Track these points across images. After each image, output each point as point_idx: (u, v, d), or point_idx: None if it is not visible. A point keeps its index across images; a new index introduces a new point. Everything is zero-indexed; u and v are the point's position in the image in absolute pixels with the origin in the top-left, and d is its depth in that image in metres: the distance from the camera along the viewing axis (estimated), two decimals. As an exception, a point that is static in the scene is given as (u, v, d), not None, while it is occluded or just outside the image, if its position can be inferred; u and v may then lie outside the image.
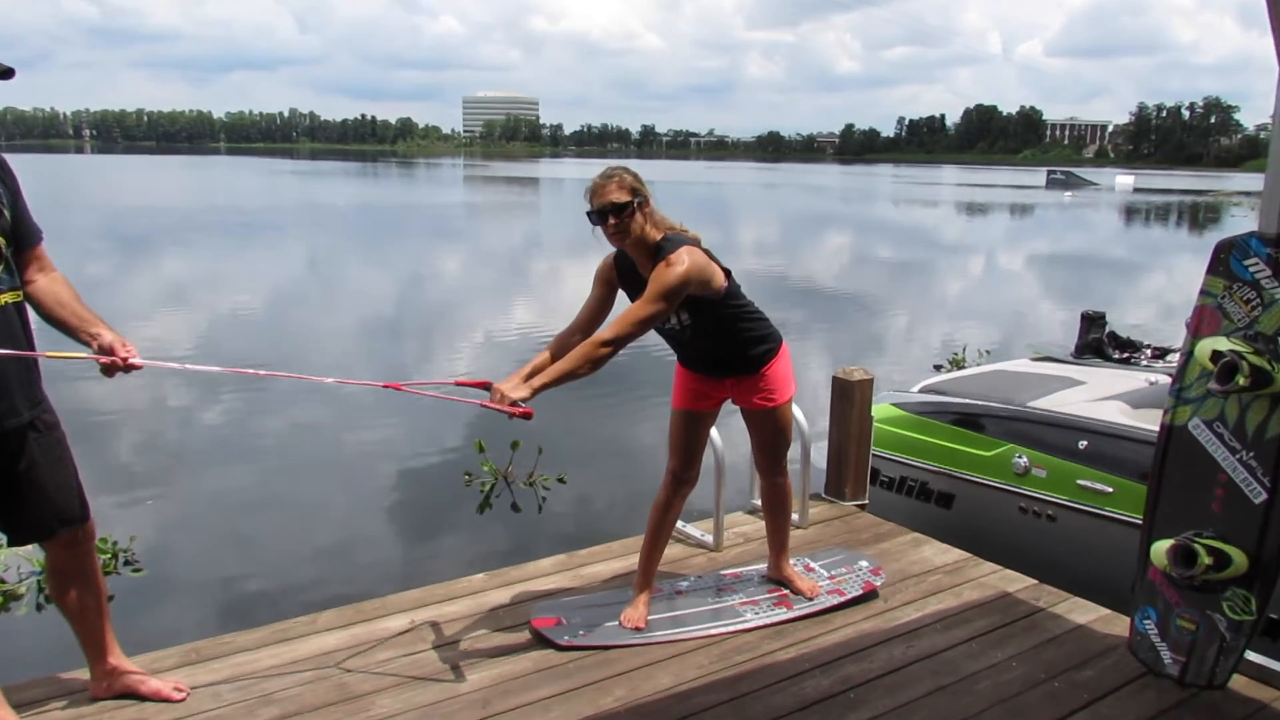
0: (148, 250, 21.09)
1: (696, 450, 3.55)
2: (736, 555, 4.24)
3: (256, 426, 8.23)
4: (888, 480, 5.40)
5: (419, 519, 6.29)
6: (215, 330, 12.22)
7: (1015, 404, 4.95)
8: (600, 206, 3.18)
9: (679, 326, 3.31)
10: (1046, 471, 4.63)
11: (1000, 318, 14.62)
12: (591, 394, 9.40)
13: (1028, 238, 30.51)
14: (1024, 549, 4.68)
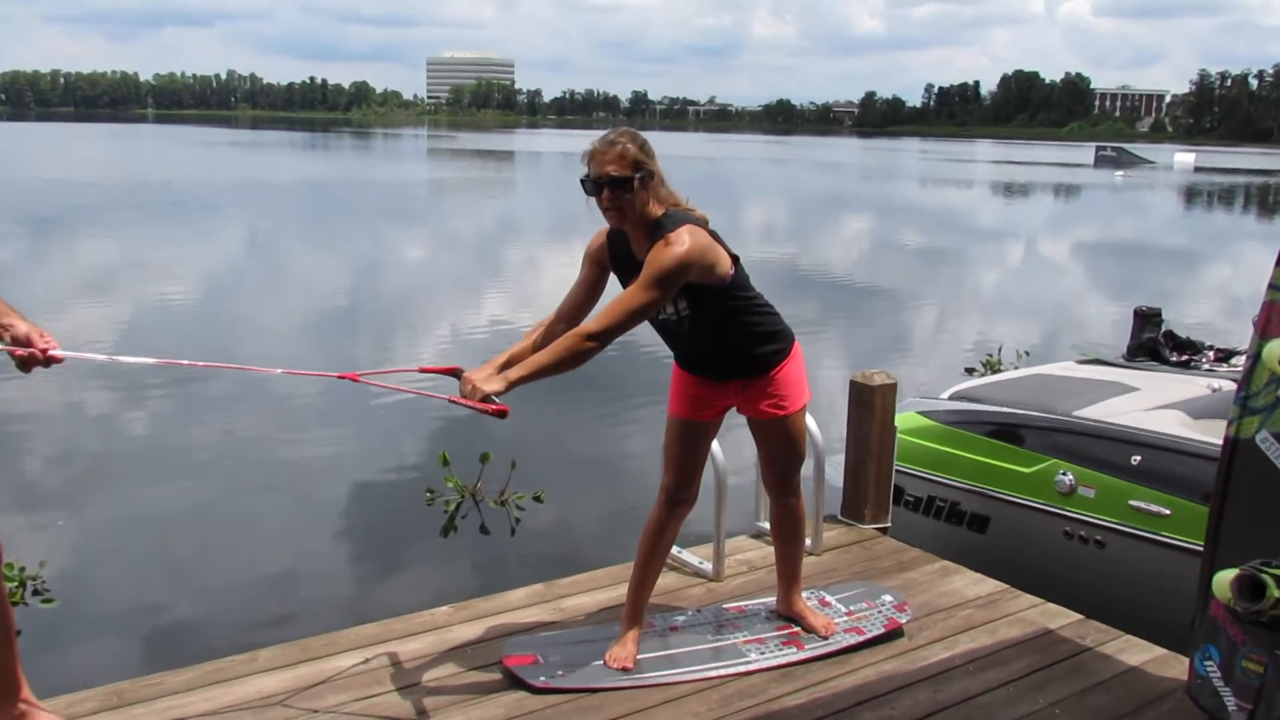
0: (62, 232, 21.00)
1: (695, 466, 3.55)
2: (740, 586, 4.24)
3: (188, 435, 8.20)
4: (913, 500, 5.41)
5: (374, 543, 6.28)
6: (141, 325, 12.18)
7: (1059, 413, 4.97)
8: (596, 177, 3.17)
9: (676, 317, 3.30)
10: (1095, 491, 4.65)
11: (1042, 314, 14.68)
12: (574, 398, 9.40)
13: (1073, 223, 30.65)
14: (1069, 579, 4.69)
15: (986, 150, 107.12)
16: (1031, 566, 4.85)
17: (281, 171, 41.48)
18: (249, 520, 6.56)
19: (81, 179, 34.96)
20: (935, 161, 75.32)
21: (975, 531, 5.17)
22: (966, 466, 5.16)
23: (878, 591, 4.08)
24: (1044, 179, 53.83)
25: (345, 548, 6.24)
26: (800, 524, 3.75)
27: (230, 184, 34.58)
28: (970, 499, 5.17)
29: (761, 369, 3.44)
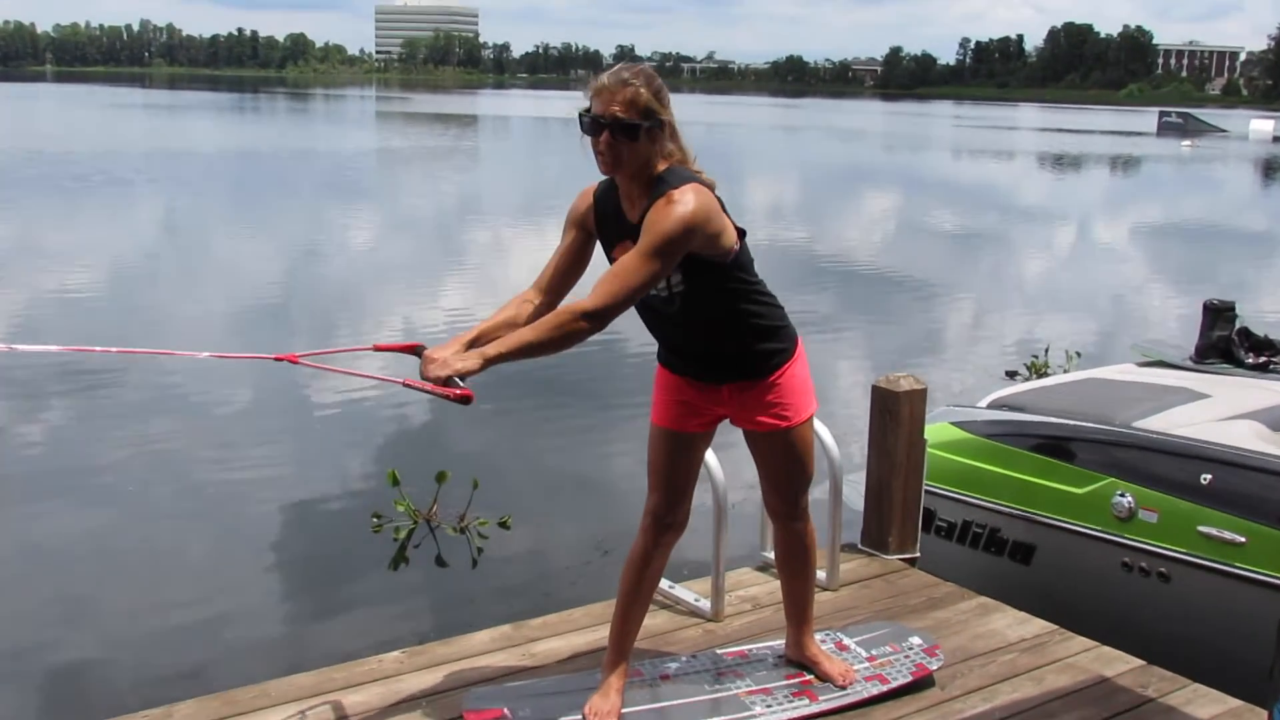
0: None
1: (684, 484, 3.54)
2: (743, 627, 4.24)
3: (91, 451, 8.16)
4: (946, 526, 5.41)
5: (310, 578, 6.26)
6: (38, 318, 12.12)
7: (1116, 424, 4.97)
8: (598, 116, 3.15)
9: (666, 293, 3.28)
10: (1158, 515, 4.65)
11: (1096, 309, 14.73)
12: (548, 405, 9.40)
13: (1133, 201, 30.80)
14: (1128, 618, 4.69)
15: (1031, 116, 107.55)
16: (1084, 603, 4.85)
17: (205, 139, 41.36)
18: (163, 551, 6.53)
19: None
20: (972, 129, 75.60)
21: (1018, 563, 5.17)
22: (1008, 486, 5.16)
23: (904, 633, 4.08)
24: (1098, 149, 54.07)
25: (276, 583, 6.22)
26: (810, 553, 3.75)
27: (144, 154, 34.47)
28: (1013, 524, 5.17)
29: (760, 371, 3.43)
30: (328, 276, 15.49)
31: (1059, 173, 41.61)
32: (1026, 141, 61.02)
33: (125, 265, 15.73)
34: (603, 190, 3.35)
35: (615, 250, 3.29)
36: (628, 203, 3.26)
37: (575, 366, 10.38)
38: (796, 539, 3.70)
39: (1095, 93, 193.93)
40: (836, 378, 10.49)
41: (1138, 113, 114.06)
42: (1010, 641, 4.18)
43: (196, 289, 14.10)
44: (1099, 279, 17.38)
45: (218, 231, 19.32)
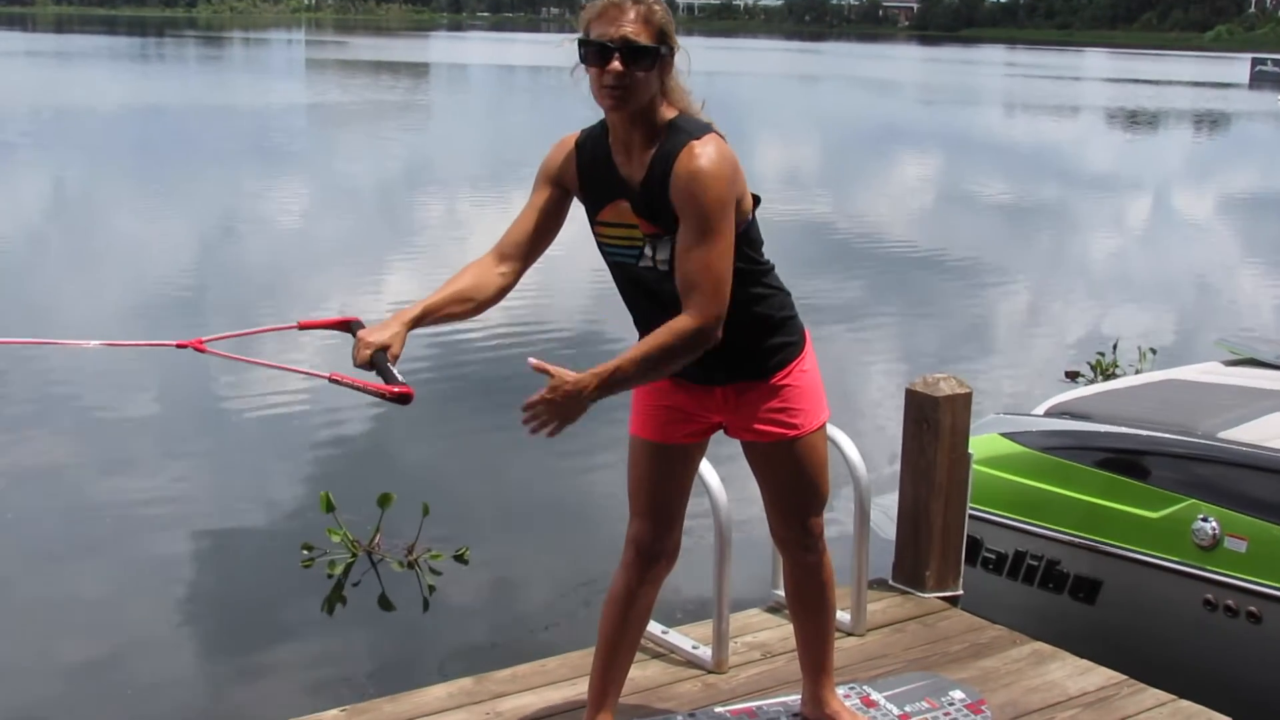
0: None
1: (673, 506, 3.57)
2: (750, 680, 4.26)
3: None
4: (994, 557, 5.44)
5: (231, 623, 6.25)
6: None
7: (1198, 434, 5.01)
8: (606, 40, 3.17)
9: (666, 266, 3.29)
10: (1248, 543, 4.69)
11: (1176, 296, 14.79)
12: (508, 414, 9.38)
13: (1220, 167, 30.89)
14: (1211, 667, 4.72)
15: (1099, 64, 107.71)
16: (1159, 649, 4.88)
17: (100, 93, 41.20)
18: (48, 594, 6.50)
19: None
20: (1026, 79, 75.61)
21: (1081, 601, 5.20)
22: (1070, 510, 5.19)
23: (943, 685, 4.11)
24: (1179, 104, 54.19)
25: (188, 631, 6.21)
26: (827, 589, 3.77)
27: (26, 111, 34.35)
28: (1074, 556, 5.20)
29: (763, 369, 3.45)
30: (248, 258, 15.46)
31: (1132, 133, 41.72)
32: (1093, 95, 61.08)
33: (1, 245, 15.68)
34: (588, 139, 3.38)
35: (605, 211, 3.32)
36: (623, 154, 3.29)
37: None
38: (809, 573, 3.72)
39: (1176, 35, 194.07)
40: (864, 380, 10.50)
41: (1227, 60, 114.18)
42: (1071, 695, 4.21)
43: (91, 272, 14.07)
44: (1179, 261, 17.45)
45: (117, 205, 19.26)
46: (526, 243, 3.40)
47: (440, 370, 10.40)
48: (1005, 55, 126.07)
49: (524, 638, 5.93)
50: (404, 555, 6.42)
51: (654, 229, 3.27)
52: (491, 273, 3.36)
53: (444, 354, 10.77)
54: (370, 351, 3.13)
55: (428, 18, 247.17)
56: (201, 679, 5.77)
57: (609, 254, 3.40)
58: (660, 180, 3.21)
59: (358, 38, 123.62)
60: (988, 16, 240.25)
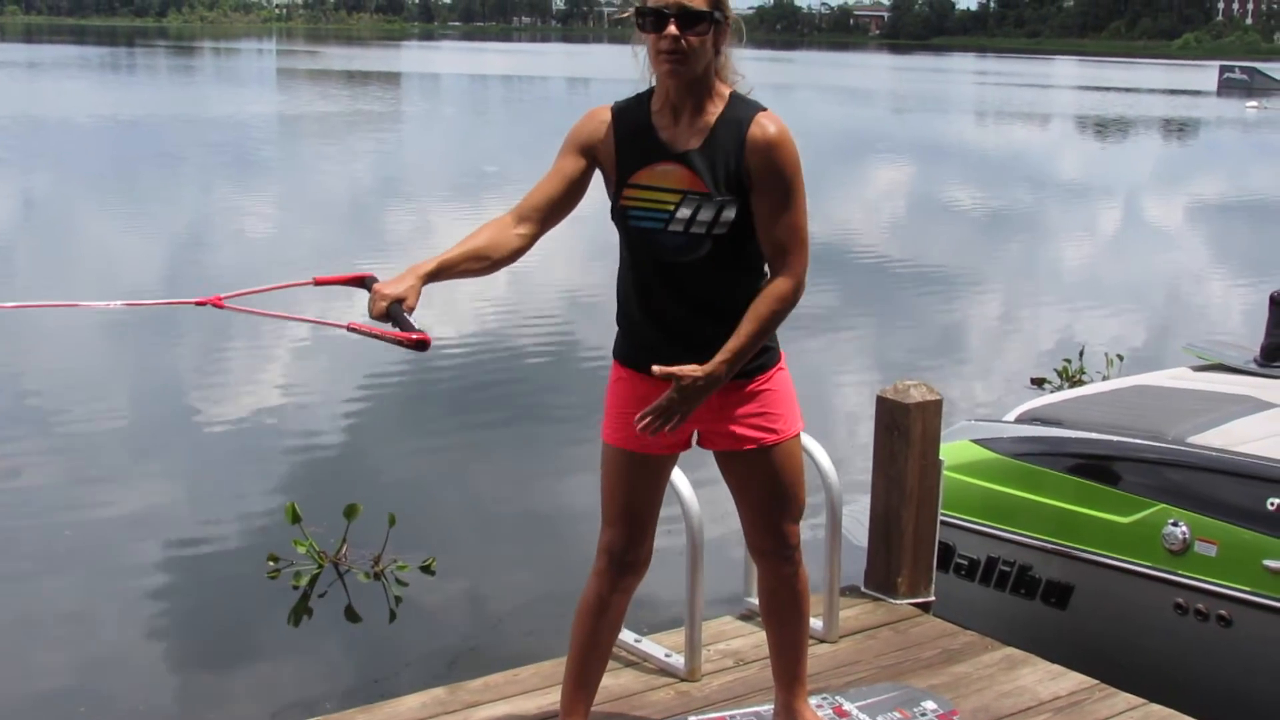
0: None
1: (647, 515, 3.56)
2: (723, 688, 4.26)
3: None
4: (966, 564, 5.45)
5: (198, 635, 6.23)
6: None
7: (1168, 439, 5.03)
8: (661, 4, 3.23)
9: (681, 225, 3.32)
10: (1217, 547, 4.71)
11: (1145, 302, 14.87)
12: (476, 423, 9.38)
13: (1188, 173, 31.07)
14: (1181, 670, 4.74)
15: (1069, 71, 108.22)
16: (1130, 654, 4.90)
17: (68, 104, 41.01)
18: (11, 608, 6.45)
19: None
20: (997, 87, 75.99)
21: (1053, 606, 5.21)
22: (1041, 516, 5.21)
23: (916, 695, 4.11)
24: (1148, 112, 54.51)
25: (155, 644, 6.18)
26: (802, 600, 3.76)
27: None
28: (1046, 561, 5.21)
29: (746, 371, 3.45)
30: (218, 269, 15.38)
31: (1101, 140, 41.94)
32: (1062, 102, 61.41)
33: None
34: (624, 108, 3.42)
35: (640, 173, 3.34)
36: (669, 120, 3.35)
37: (512, 376, 10.41)
38: (785, 583, 3.71)
39: (1144, 44, 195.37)
40: (835, 387, 10.52)
41: (1195, 68, 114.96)
42: (1042, 700, 4.22)
43: (61, 286, 13.97)
44: (1149, 267, 17.54)
45: (86, 218, 19.15)
46: (547, 207, 3.41)
47: (409, 381, 10.37)
48: (975, 63, 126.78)
49: (496, 647, 5.91)
50: (370, 566, 6.42)
51: (706, 189, 3.29)
52: (509, 233, 3.37)
53: (413, 365, 10.75)
54: (386, 304, 3.17)
55: (399, 27, 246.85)
56: (168, 693, 5.73)
57: (631, 219, 3.38)
58: (731, 146, 3.29)
59: (329, 47, 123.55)
60: (958, 25, 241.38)
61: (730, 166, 3.29)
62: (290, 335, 11.87)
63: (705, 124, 3.32)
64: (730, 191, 3.30)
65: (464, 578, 6.72)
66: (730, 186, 3.30)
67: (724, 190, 3.29)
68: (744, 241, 3.36)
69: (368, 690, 5.04)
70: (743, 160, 3.29)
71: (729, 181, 3.30)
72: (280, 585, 6.31)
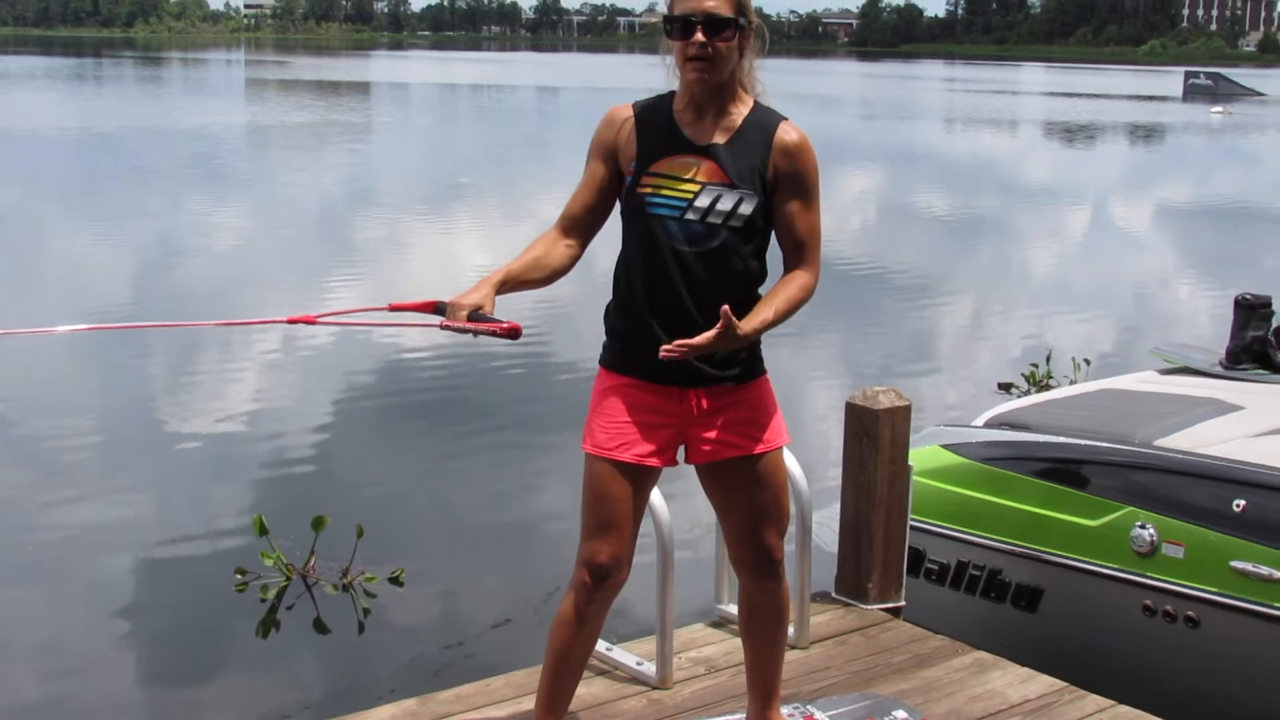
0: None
1: (631, 530, 3.55)
2: (694, 696, 4.27)
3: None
4: (936, 568, 5.47)
5: (167, 648, 6.19)
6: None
7: (1135, 443, 5.07)
8: (688, 12, 3.34)
9: (697, 214, 3.40)
10: (1185, 549, 4.74)
11: (1112, 306, 14.94)
12: (450, 432, 9.37)
13: (1155, 178, 31.29)
14: (1150, 671, 4.77)
15: (1036, 78, 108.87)
16: (1099, 656, 4.92)
17: (33, 115, 40.81)
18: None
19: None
20: (965, 93, 76.39)
21: (1023, 610, 5.24)
22: (1010, 520, 5.23)
23: (887, 706, 4.13)
24: (1114, 117, 54.86)
25: (124, 658, 6.14)
26: (783, 613, 3.76)
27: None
28: (1015, 565, 5.23)
29: (740, 374, 3.49)
30: (187, 284, 15.32)
31: (1069, 145, 42.17)
32: (1030, 108, 61.76)
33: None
34: (645, 106, 3.51)
35: (660, 163, 3.42)
36: (693, 117, 3.44)
37: (482, 384, 10.39)
38: (768, 597, 3.71)
39: (1111, 50, 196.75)
40: (806, 394, 10.56)
41: (1160, 73, 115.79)
42: (1012, 703, 4.24)
43: (24, 305, 13.89)
44: (1116, 272, 17.62)
45: (53, 231, 19.05)
46: (586, 216, 3.54)
47: (376, 394, 10.35)
48: (943, 70, 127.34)
49: (468, 657, 5.91)
50: (338, 578, 6.41)
51: (728, 179, 3.40)
52: (559, 245, 3.50)
53: (381, 378, 10.74)
54: (465, 312, 3.32)
55: (368, 37, 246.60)
56: (136, 705, 5.71)
57: (648, 204, 3.44)
58: (758, 145, 3.43)
59: (298, 57, 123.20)
60: (925, 32, 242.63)
61: (756, 163, 3.42)
62: (260, 349, 11.82)
63: (730, 124, 3.44)
64: (750, 186, 3.41)
65: (434, 588, 6.72)
66: (751, 182, 3.41)
67: (745, 184, 3.40)
68: (753, 239, 3.46)
69: (338, 702, 5.03)
70: (769, 160, 3.43)
71: (751, 177, 3.41)
72: (248, 598, 6.30)
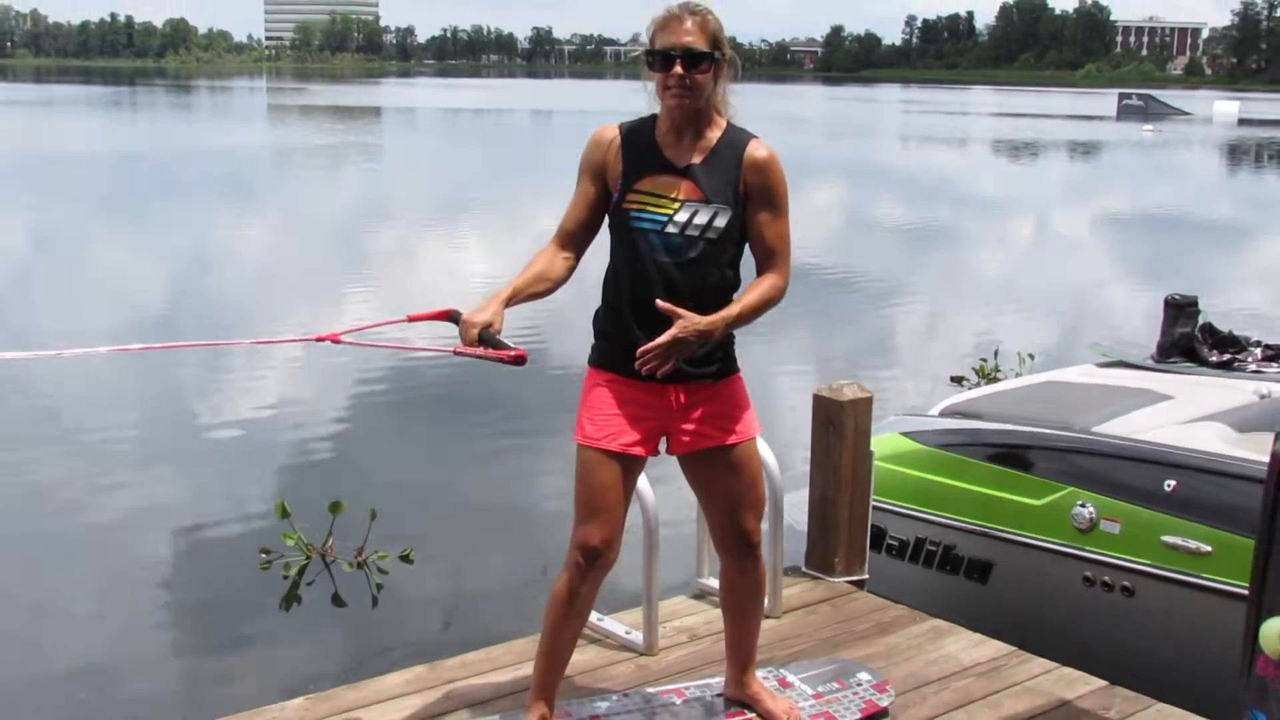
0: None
1: (620, 515, 3.55)
2: (678, 661, 4.28)
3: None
4: (896, 544, 5.49)
5: (199, 620, 6.19)
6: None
7: (1075, 429, 5.09)
8: (668, 47, 3.35)
9: (677, 227, 3.41)
10: (1120, 525, 4.76)
11: (1055, 306, 14.98)
12: (455, 423, 9.37)
13: (1091, 190, 31.34)
14: (1090, 636, 4.79)
15: (984, 99, 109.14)
16: (1044, 622, 4.94)
17: (74, 139, 40.68)
18: (28, 594, 6.41)
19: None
20: (920, 114, 76.55)
21: (975, 581, 5.26)
22: (963, 500, 5.25)
23: (852, 669, 4.13)
24: (1055, 135, 54.97)
25: (160, 628, 6.13)
26: (760, 590, 3.79)
27: (5, 159, 33.81)
28: (968, 540, 5.25)
29: (715, 371, 3.50)
30: (219, 295, 15.27)
31: (1014, 161, 42.25)
32: (979, 127, 61.89)
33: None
34: (630, 128, 3.52)
35: (643, 180, 3.43)
36: (673, 139, 3.45)
37: (483, 382, 10.38)
38: (748, 576, 3.71)
39: (1051, 74, 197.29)
40: (776, 388, 10.56)
41: (1097, 95, 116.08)
42: (965, 666, 4.26)
43: (69, 312, 13.84)
44: (1057, 275, 17.67)
45: (93, 246, 18.98)
46: (581, 231, 3.55)
47: (388, 390, 10.34)
48: (900, 93, 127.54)
49: (473, 628, 5.89)
50: (354, 557, 6.42)
51: (703, 196, 3.41)
52: (558, 257, 3.52)
53: (391, 375, 10.72)
54: (476, 330, 3.34)
55: (378, 65, 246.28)
56: (174, 672, 5.71)
57: (632, 219, 3.46)
58: (730, 163, 3.44)
59: (314, 84, 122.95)
60: (884, 58, 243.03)
61: (729, 179, 3.43)
62: (281, 352, 11.80)
63: (706, 145, 3.45)
64: (725, 201, 3.42)
65: (441, 566, 6.72)
66: (725, 197, 3.42)
67: (719, 200, 3.41)
68: (728, 250, 3.46)
69: (353, 670, 5.02)
70: (740, 176, 3.43)
71: (725, 193, 3.42)
72: (272, 575, 6.31)
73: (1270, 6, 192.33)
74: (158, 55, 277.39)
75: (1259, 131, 63.42)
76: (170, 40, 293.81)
